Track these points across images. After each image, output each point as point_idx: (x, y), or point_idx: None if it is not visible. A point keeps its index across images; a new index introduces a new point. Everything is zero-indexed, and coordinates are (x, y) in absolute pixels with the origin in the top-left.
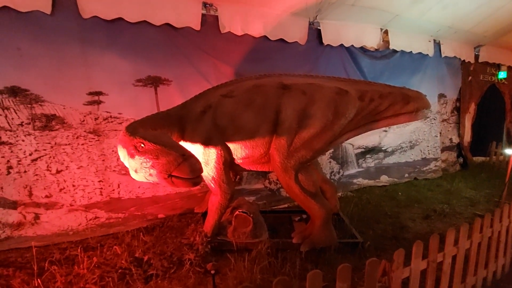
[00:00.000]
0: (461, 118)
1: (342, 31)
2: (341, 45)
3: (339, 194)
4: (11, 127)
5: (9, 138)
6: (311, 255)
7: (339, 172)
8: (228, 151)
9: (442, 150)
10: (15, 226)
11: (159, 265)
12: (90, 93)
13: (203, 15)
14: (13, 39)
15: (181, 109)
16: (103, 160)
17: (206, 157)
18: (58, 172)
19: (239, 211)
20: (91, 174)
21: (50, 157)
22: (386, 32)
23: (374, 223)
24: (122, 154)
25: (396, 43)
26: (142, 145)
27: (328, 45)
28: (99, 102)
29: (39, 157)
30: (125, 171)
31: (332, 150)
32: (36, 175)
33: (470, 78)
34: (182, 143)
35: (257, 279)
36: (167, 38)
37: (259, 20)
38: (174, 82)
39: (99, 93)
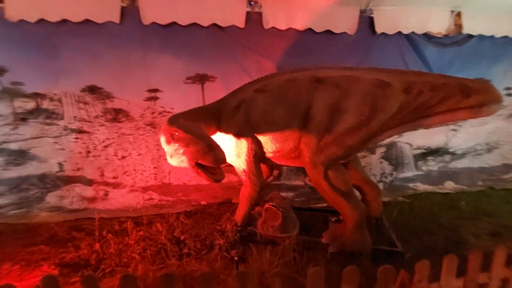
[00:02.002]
0: None
1: (400, 17)
2: (399, 32)
3: (389, 198)
4: (89, 119)
5: (88, 128)
6: (339, 257)
7: (391, 174)
8: (259, 144)
9: None
10: (90, 200)
11: (192, 246)
12: (149, 90)
13: (247, 12)
14: (91, 47)
15: (220, 103)
16: (158, 150)
17: (238, 149)
18: (123, 157)
19: (269, 204)
20: (148, 161)
21: (117, 144)
22: (458, 14)
23: (425, 234)
24: (162, 140)
25: (471, 27)
26: (177, 133)
27: (382, 33)
28: (155, 98)
29: (109, 144)
30: None
31: (384, 149)
32: (107, 159)
33: None
34: (218, 135)
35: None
36: (213, 37)
37: (303, 13)
38: (218, 78)
39: (156, 90)
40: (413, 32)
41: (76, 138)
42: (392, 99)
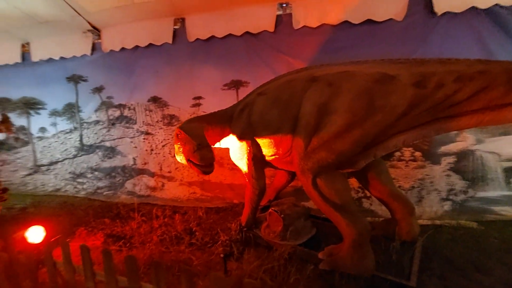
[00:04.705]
0: None
1: None
2: (473, 9)
3: (450, 221)
4: (152, 123)
5: (151, 130)
6: (331, 277)
7: (465, 192)
8: (258, 147)
9: None
10: (152, 189)
11: (200, 238)
12: (194, 98)
13: (277, 16)
14: (154, 65)
15: (235, 107)
16: None
17: (241, 151)
18: (174, 155)
19: (272, 209)
20: None
21: (171, 144)
22: None
23: (476, 272)
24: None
25: None
26: (179, 134)
27: (446, 13)
28: (199, 104)
29: (165, 144)
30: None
31: (454, 158)
32: (164, 156)
33: None
34: (229, 137)
35: (258, 278)
36: (246, 44)
37: (338, 5)
38: (251, 83)
39: (199, 98)
40: (497, 5)
41: (144, 139)
42: (396, 96)
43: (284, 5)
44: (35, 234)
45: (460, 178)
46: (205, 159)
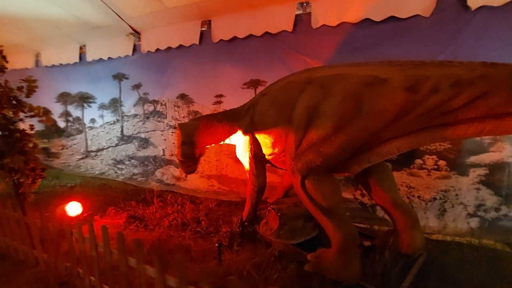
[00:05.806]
0: None
1: None
2: None
3: (475, 239)
4: (180, 118)
5: None
6: (313, 278)
7: (497, 209)
8: (259, 146)
9: None
10: (176, 179)
11: (204, 227)
12: (216, 96)
13: (296, 15)
14: (184, 64)
15: (243, 106)
16: (219, 145)
17: (244, 149)
18: None
19: (271, 207)
20: (212, 154)
21: None
22: None
23: None
24: None
25: None
26: (177, 130)
27: (482, 7)
28: (220, 102)
29: None
30: (232, 155)
31: (486, 171)
32: None
33: None
34: (237, 134)
35: (244, 270)
36: (265, 44)
37: (359, 2)
38: (269, 83)
39: (220, 96)
40: None
41: (172, 132)
42: (385, 100)
43: (304, 4)
44: (73, 208)
45: (492, 193)
46: (184, 155)
